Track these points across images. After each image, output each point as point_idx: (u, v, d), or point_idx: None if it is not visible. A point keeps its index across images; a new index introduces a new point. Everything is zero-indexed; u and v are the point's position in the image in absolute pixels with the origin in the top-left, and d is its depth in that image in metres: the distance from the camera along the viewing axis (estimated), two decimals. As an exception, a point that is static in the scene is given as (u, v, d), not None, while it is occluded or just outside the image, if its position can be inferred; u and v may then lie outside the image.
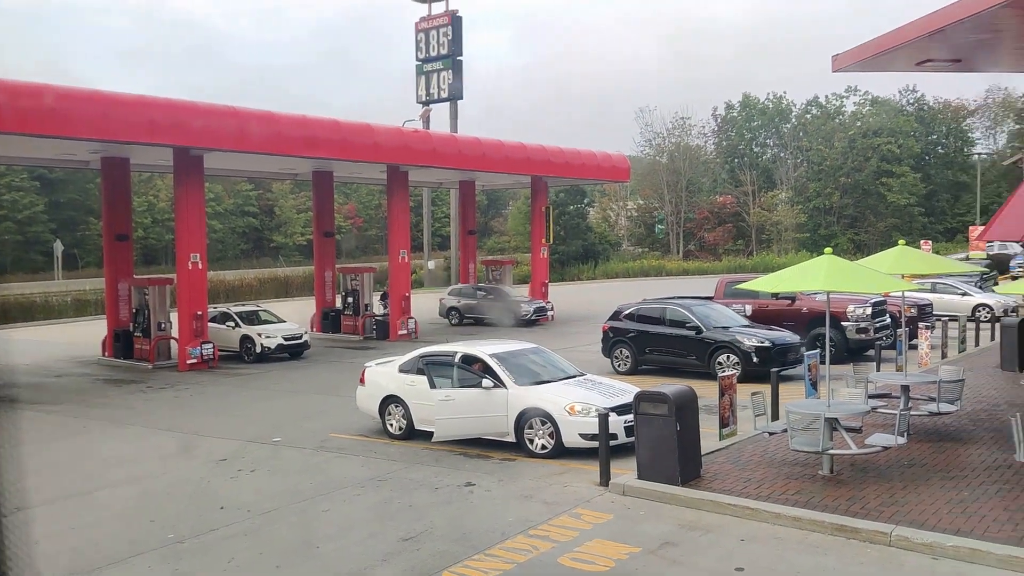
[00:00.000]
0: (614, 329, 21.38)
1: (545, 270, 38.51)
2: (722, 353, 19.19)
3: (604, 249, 71.54)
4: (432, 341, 21.79)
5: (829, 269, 11.11)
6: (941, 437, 13.03)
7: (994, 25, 12.41)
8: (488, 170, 33.66)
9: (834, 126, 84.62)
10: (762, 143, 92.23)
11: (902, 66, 15.41)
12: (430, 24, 47.24)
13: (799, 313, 22.02)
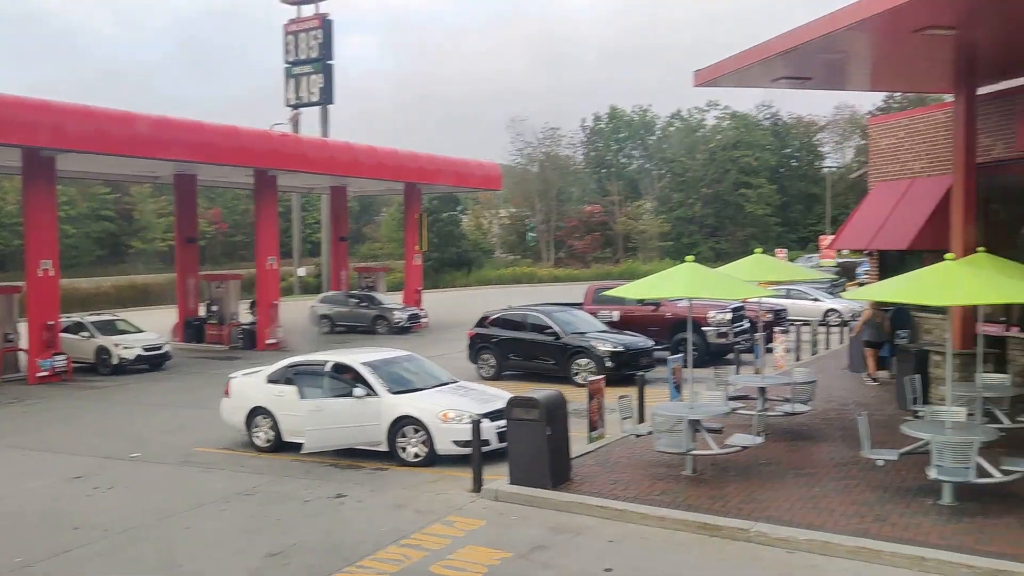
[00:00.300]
0: (479, 335, 21.63)
1: (419, 277, 38.37)
2: (579, 358, 19.72)
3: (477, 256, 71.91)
4: (302, 350, 21.35)
5: (690, 276, 11.55)
6: (795, 436, 13.72)
7: (841, 46, 13.21)
8: (361, 176, 33.28)
9: (696, 139, 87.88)
10: (628, 154, 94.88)
11: (759, 82, 16.17)
12: (300, 27, 46.31)
13: (663, 318, 22.75)
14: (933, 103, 21.71)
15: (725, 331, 22.52)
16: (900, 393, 14.92)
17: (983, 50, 13.72)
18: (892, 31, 12.31)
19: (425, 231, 38.34)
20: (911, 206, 19.02)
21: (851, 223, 21.58)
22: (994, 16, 11.91)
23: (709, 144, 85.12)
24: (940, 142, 18.65)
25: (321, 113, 47.23)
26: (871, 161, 21.69)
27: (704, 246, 79.01)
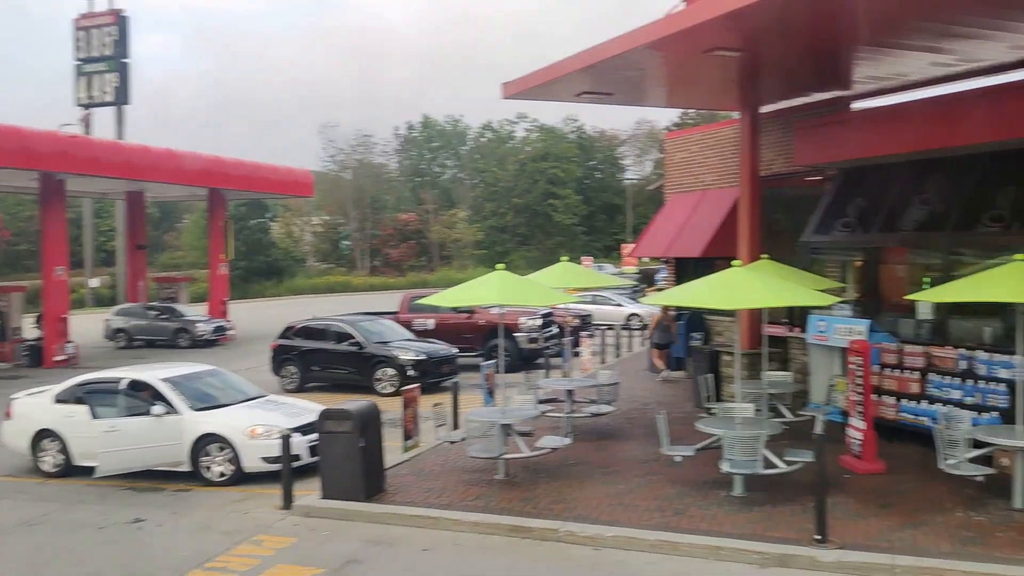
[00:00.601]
0: (282, 347, 21.12)
1: (225, 287, 36.86)
2: (381, 367, 19.65)
3: (289, 265, 69.98)
4: (95, 367, 19.96)
5: (501, 284, 11.77)
6: (601, 436, 14.26)
7: (639, 64, 13.88)
8: (159, 181, 31.57)
9: (507, 150, 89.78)
10: (442, 163, 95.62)
11: (563, 96, 16.70)
12: (92, 22, 43.35)
13: (477, 325, 23.07)
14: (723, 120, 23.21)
15: (536, 336, 23.12)
16: (695, 392, 15.84)
17: (765, 72, 14.83)
18: (684, 51, 13.08)
19: (231, 239, 36.92)
20: (703, 216, 20.27)
21: (649, 232, 22.73)
22: (774, 41, 12.91)
23: (519, 155, 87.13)
24: (729, 156, 20.00)
25: (116, 114, 44.39)
26: (667, 174, 22.94)
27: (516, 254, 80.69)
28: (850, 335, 13.60)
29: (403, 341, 20.73)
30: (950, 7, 10.46)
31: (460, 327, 23.23)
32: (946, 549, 8.72)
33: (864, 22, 11.38)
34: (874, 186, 15.72)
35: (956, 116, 13.55)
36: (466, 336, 23.10)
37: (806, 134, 16.42)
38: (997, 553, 8.55)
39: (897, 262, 15.49)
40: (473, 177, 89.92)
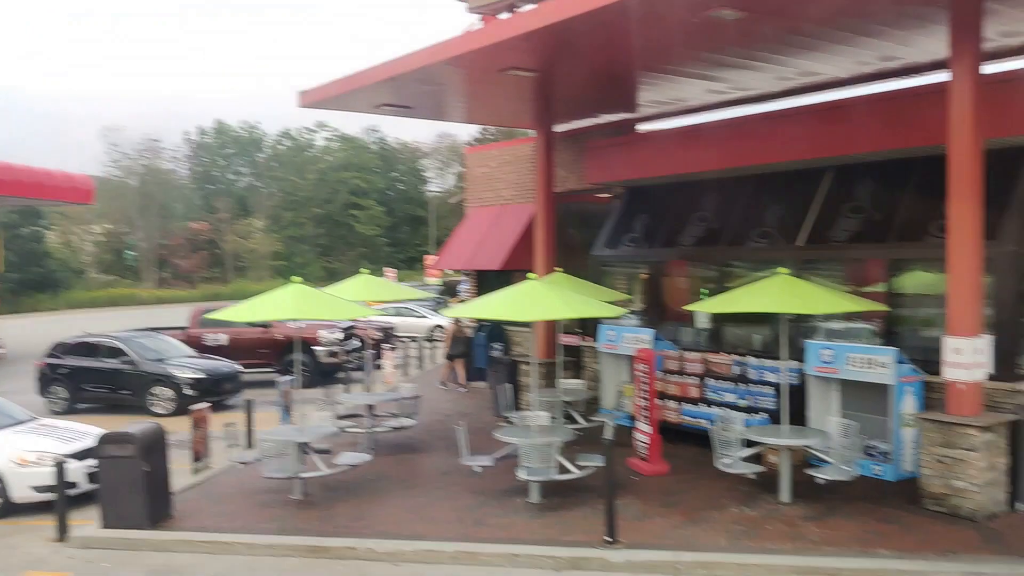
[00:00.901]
0: (51, 366, 19.63)
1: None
2: (156, 386, 18.70)
3: (67, 277, 64.94)
4: None
5: (297, 297, 11.49)
6: (403, 450, 14.22)
7: (438, 79, 14.03)
8: (-91, 185, 28.43)
9: (306, 159, 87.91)
10: (237, 171, 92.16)
11: (362, 108, 16.60)
12: None
13: (274, 340, 22.38)
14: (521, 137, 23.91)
15: (336, 350, 22.73)
16: (495, 402, 16.14)
17: (559, 92, 15.40)
18: (482, 69, 13.36)
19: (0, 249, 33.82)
20: (503, 230, 20.75)
21: (452, 245, 22.98)
22: (566, 63, 13.44)
23: (319, 165, 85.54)
24: (526, 173, 20.59)
25: None
26: (468, 187, 23.30)
27: (316, 265, 79.10)
28: (636, 344, 14.34)
29: (182, 358, 19.69)
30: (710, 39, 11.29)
31: (255, 342, 22.45)
32: (723, 543, 9.36)
33: (641, 50, 12.08)
34: (658, 204, 16.70)
35: (728, 140, 14.67)
36: (262, 351, 22.37)
37: (596, 154, 17.22)
38: (767, 544, 9.28)
39: (678, 275, 16.52)
40: (270, 186, 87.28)
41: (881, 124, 12.38)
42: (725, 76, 13.63)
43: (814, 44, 11.66)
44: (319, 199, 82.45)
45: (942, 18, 10.13)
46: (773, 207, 14.56)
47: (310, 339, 22.13)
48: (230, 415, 15.00)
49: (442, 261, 23.59)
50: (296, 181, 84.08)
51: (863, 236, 12.98)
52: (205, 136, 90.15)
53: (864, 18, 10.54)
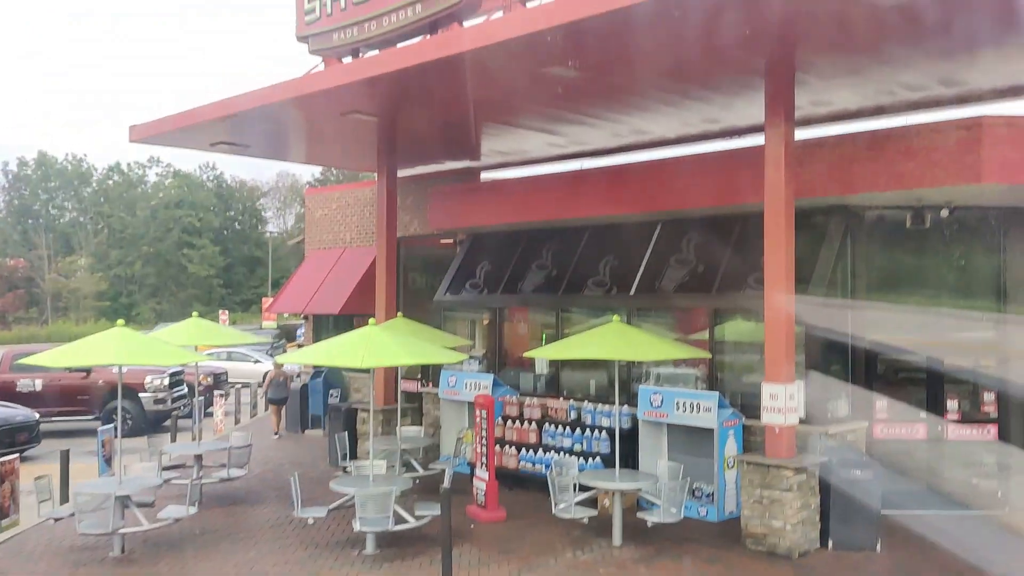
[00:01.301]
0: None
1: None
2: None
3: None
4: None
5: (121, 342, 10.90)
6: (232, 501, 13.62)
7: (278, 119, 13.81)
8: None
9: (137, 195, 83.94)
10: (60, 205, 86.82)
11: (198, 144, 16.08)
12: None
13: (95, 386, 21.10)
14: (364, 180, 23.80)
15: (163, 397, 21.67)
16: (331, 450, 15.77)
17: (402, 138, 15.49)
18: (323, 111, 13.27)
19: None
20: (342, 274, 20.50)
21: (289, 288, 22.47)
22: (409, 110, 13.57)
23: (151, 201, 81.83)
24: (368, 216, 20.49)
25: None
26: (307, 230, 22.92)
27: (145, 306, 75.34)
28: (477, 389, 14.43)
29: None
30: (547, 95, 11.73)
31: (75, 388, 21.06)
32: (557, 588, 9.47)
33: (481, 102, 12.37)
34: (499, 250, 16.98)
35: (566, 192, 15.17)
36: (82, 398, 21.02)
37: (440, 200, 17.36)
38: (599, 587, 9.46)
39: (519, 320, 16.80)
40: (97, 222, 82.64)
41: (704, 182, 13.12)
42: (563, 130, 14.13)
43: (644, 104, 12.30)
44: (150, 237, 78.71)
45: (759, 86, 10.91)
46: (608, 257, 15.11)
47: (136, 385, 20.99)
48: (42, 467, 13.94)
49: (279, 304, 23.00)
50: (125, 218, 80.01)
51: (689, 286, 13.65)
52: (26, 168, 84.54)
53: (688, 83, 11.23)
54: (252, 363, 32.92)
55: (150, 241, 78.66)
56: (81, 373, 20.96)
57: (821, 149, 11.90)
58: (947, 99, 11.91)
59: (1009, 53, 9.89)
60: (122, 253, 78.91)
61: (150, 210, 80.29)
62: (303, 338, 27.62)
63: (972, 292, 12.79)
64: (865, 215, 12.66)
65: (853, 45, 9.67)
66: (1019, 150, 10.56)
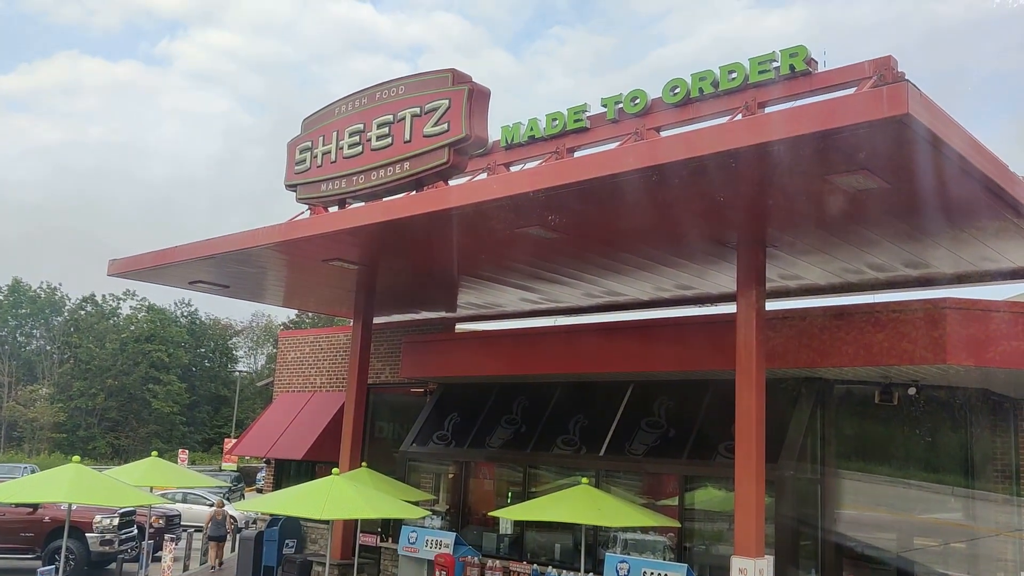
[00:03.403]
0: None
1: None
2: None
3: None
4: None
5: (75, 479, 10.56)
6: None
7: (260, 262, 13.95)
8: None
9: (108, 326, 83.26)
10: (28, 333, 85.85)
11: (176, 282, 16.14)
12: None
13: (41, 523, 20.18)
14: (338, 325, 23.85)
15: (111, 538, 20.74)
16: (283, 604, 15.07)
17: (380, 286, 15.66)
18: (304, 257, 13.44)
19: None
20: (310, 418, 20.19)
21: (253, 430, 22.04)
22: (389, 260, 13.79)
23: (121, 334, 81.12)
24: (340, 361, 20.41)
25: None
26: (277, 372, 22.72)
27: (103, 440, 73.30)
28: (437, 548, 13.99)
29: None
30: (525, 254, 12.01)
31: (19, 524, 20.14)
32: None
33: (461, 257, 12.65)
34: (470, 402, 16.89)
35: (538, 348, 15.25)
36: (25, 535, 20.07)
37: (412, 349, 17.38)
38: None
39: (486, 476, 16.51)
40: (64, 352, 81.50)
41: (676, 348, 13.27)
42: (538, 288, 14.37)
43: (619, 268, 12.59)
44: (116, 370, 77.49)
45: (732, 257, 11.25)
46: (578, 415, 15.05)
47: (83, 524, 20.13)
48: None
49: (241, 446, 22.47)
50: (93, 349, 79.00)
51: (659, 451, 13.56)
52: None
53: (663, 250, 11.56)
54: (208, 506, 31.81)
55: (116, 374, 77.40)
56: (27, 508, 20.13)
57: (791, 321, 12.15)
58: (912, 280, 12.31)
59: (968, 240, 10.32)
60: (85, 384, 77.43)
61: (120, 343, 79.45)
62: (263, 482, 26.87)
63: (940, 469, 12.81)
64: (835, 389, 12.79)
65: (821, 225, 10.06)
66: (981, 332, 10.83)
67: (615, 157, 9.05)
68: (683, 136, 8.86)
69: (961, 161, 7.60)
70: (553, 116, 12.72)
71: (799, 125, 7.43)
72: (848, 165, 7.95)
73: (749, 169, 8.40)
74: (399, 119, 12.12)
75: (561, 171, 9.28)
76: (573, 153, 12.39)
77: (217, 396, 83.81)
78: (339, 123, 13.14)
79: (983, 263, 11.23)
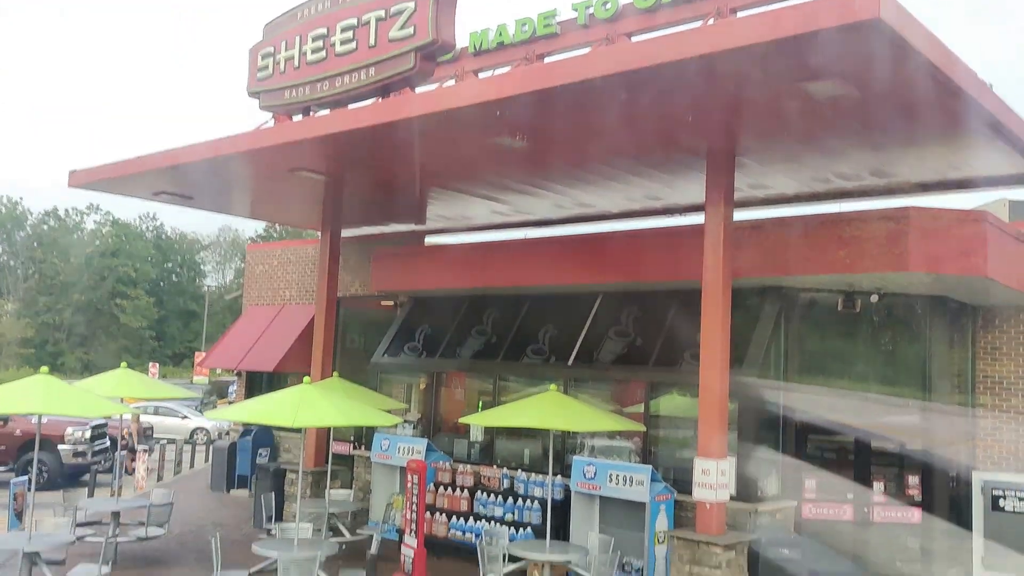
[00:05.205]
0: None
1: None
2: None
3: None
4: None
5: (45, 389, 10.52)
6: (148, 563, 13.08)
7: (225, 172, 13.73)
8: None
9: (72, 241, 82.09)
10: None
11: (140, 193, 15.85)
12: None
13: (11, 436, 20.27)
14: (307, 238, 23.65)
15: (83, 450, 20.89)
16: (256, 511, 15.32)
17: (348, 197, 15.50)
18: (270, 167, 13.24)
19: None
20: (280, 331, 20.20)
21: (223, 343, 22.05)
22: (357, 171, 13.63)
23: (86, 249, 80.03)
24: (309, 274, 20.33)
25: None
26: (246, 285, 22.62)
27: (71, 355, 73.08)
28: (409, 454, 14.23)
29: None
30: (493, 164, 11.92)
31: (-11, 437, 20.21)
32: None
33: (429, 167, 12.52)
34: (440, 314, 16.95)
35: (508, 260, 15.27)
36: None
37: (383, 262, 17.33)
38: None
39: (456, 386, 16.69)
40: (28, 267, 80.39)
41: (644, 258, 13.34)
42: (508, 199, 14.31)
43: (589, 178, 12.55)
44: (82, 285, 76.73)
45: (700, 167, 11.24)
46: (548, 326, 15.18)
47: (55, 436, 20.23)
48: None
49: (212, 359, 22.51)
50: (58, 264, 78.01)
51: (626, 359, 13.76)
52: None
53: (632, 160, 11.52)
54: (180, 419, 32.05)
55: (82, 289, 76.70)
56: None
57: (758, 231, 12.23)
58: (878, 189, 12.40)
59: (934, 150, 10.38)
60: (52, 300, 76.73)
61: (85, 258, 78.48)
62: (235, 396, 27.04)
63: (899, 377, 13.16)
64: (799, 297, 12.98)
65: (790, 134, 10.05)
66: (943, 241, 10.99)
67: (584, 63, 8.91)
68: (654, 41, 8.75)
69: (931, 68, 7.57)
70: (523, 21, 12.46)
71: (771, 30, 7.35)
72: (820, 72, 7.90)
73: (720, 76, 8.32)
74: (363, 23, 11.81)
75: (530, 77, 9.13)
76: (543, 59, 12.19)
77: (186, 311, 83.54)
78: (302, 27, 12.78)
79: (949, 172, 11.32)
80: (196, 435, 30.79)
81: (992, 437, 13.41)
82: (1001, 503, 12.63)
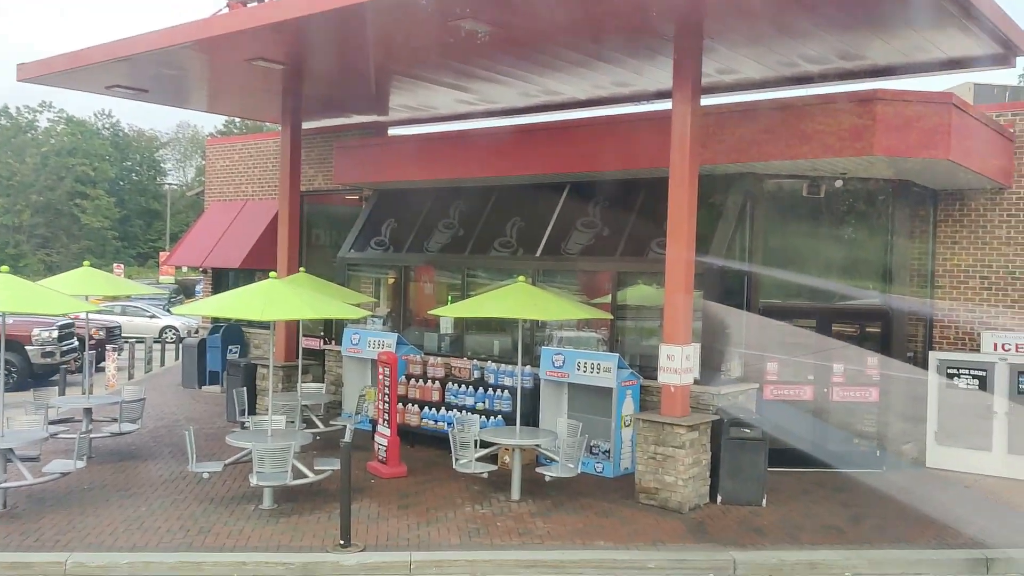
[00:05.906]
0: None
1: None
2: None
3: None
4: None
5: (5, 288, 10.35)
6: (123, 457, 13.24)
7: (179, 63, 13.25)
8: None
9: (26, 140, 79.62)
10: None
11: (92, 87, 15.30)
12: None
13: (-24, 338, 20.11)
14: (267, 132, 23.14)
15: (51, 350, 20.83)
16: (229, 406, 15.47)
17: (308, 88, 15.09)
18: (227, 56, 12.80)
19: None
20: (244, 227, 19.98)
21: (187, 241, 21.79)
22: (316, 59, 13.21)
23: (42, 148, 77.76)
24: (271, 168, 19.98)
25: None
26: (208, 181, 22.22)
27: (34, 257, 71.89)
28: (380, 347, 14.34)
29: None
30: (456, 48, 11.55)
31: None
32: (455, 542, 9.55)
33: (389, 53, 12.16)
34: (406, 208, 16.82)
35: (474, 151, 15.07)
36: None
37: (345, 154, 17.04)
38: (497, 540, 9.59)
39: (425, 280, 16.72)
40: (-19, 168, 78.13)
41: (612, 146, 13.23)
42: (473, 87, 14.00)
43: (555, 64, 12.28)
44: (40, 186, 74.87)
45: (668, 52, 11.03)
46: (515, 218, 15.14)
47: (22, 337, 20.12)
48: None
49: (176, 257, 22.28)
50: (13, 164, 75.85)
51: (594, 249, 13.82)
52: (-100, 107, 79.21)
53: (599, 44, 11.26)
54: (148, 318, 31.96)
55: (40, 190, 74.87)
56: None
57: (724, 116, 12.14)
58: (844, 72, 12.27)
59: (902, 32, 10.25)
60: (9, 201, 74.91)
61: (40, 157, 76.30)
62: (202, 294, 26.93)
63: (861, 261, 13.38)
64: (764, 184, 13.01)
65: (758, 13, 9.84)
66: (909, 124, 10.98)
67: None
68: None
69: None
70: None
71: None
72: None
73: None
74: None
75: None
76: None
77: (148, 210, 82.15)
78: (253, -93, 12.15)
79: (916, 54, 11.21)
80: (165, 334, 30.76)
81: (949, 318, 13.79)
82: (956, 381, 13.09)
